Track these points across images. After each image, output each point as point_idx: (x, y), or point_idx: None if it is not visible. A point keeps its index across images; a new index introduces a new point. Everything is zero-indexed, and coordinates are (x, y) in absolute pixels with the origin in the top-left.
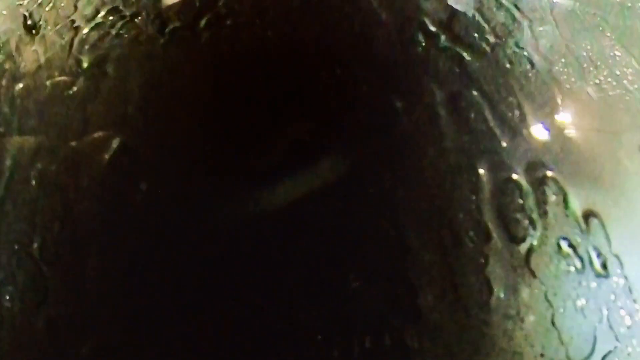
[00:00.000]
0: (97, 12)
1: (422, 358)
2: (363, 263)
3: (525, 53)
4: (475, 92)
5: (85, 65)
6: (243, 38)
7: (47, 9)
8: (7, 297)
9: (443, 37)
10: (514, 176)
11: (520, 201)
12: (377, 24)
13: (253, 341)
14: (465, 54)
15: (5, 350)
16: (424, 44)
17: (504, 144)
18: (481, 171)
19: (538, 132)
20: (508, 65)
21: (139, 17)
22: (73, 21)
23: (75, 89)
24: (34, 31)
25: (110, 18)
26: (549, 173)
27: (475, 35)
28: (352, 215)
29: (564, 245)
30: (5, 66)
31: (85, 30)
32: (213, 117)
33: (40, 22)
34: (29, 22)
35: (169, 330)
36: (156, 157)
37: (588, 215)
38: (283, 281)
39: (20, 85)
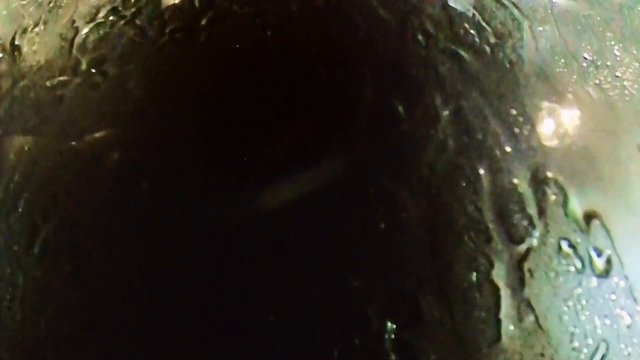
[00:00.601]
0: (97, 12)
1: (422, 358)
2: (363, 264)
3: (526, 53)
4: (475, 93)
5: (85, 65)
6: (243, 38)
7: (47, 9)
8: (7, 297)
9: (443, 38)
10: (514, 176)
11: (521, 201)
12: (378, 25)
13: (253, 341)
14: (465, 54)
15: (5, 350)
16: (424, 45)
17: (505, 144)
18: (481, 171)
19: (538, 132)
20: (508, 65)
21: (139, 17)
22: (73, 21)
23: (75, 88)
24: (34, 31)
25: (110, 18)
26: (549, 173)
27: (475, 35)
28: (351, 216)
29: (564, 245)
30: (5, 66)
31: (85, 30)
32: (213, 117)
33: (40, 22)
34: (29, 22)
35: (170, 330)
36: (156, 157)
37: (588, 215)
38: (282, 281)
39: (20, 85)
